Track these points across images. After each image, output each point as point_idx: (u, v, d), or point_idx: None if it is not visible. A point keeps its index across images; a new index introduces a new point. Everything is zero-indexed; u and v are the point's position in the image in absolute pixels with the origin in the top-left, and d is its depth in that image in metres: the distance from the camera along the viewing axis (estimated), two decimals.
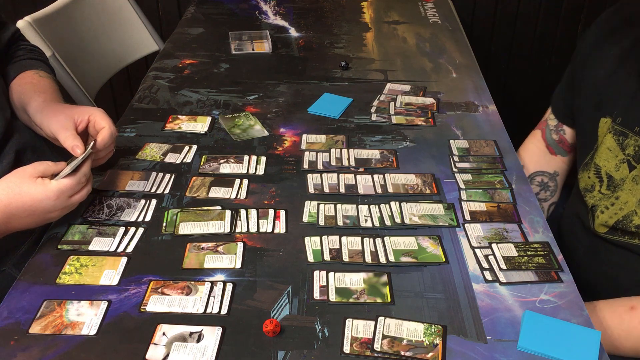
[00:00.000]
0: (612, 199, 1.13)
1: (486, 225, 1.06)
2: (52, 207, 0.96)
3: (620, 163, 1.12)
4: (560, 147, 1.35)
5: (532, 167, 1.37)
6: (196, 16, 1.96)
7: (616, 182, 1.13)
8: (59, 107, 1.10)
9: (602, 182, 1.15)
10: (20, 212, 0.94)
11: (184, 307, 0.89)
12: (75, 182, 0.97)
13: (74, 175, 0.97)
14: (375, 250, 1.00)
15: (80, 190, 0.99)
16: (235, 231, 1.04)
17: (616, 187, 1.13)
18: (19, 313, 0.88)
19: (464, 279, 0.95)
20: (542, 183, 1.34)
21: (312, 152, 1.26)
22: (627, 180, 1.11)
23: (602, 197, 1.15)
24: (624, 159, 1.12)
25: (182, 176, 1.18)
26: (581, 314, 0.89)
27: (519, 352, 0.83)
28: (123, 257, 0.99)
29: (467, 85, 1.53)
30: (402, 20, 1.93)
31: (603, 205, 1.15)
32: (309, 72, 1.60)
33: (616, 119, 1.13)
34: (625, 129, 1.11)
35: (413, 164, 1.22)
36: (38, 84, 1.18)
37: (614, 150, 1.13)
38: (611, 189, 1.14)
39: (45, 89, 1.17)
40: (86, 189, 1.00)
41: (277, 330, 0.85)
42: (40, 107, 1.10)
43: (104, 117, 1.08)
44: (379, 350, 0.83)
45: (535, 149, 1.39)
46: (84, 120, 1.07)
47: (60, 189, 0.95)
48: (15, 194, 0.93)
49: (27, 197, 0.94)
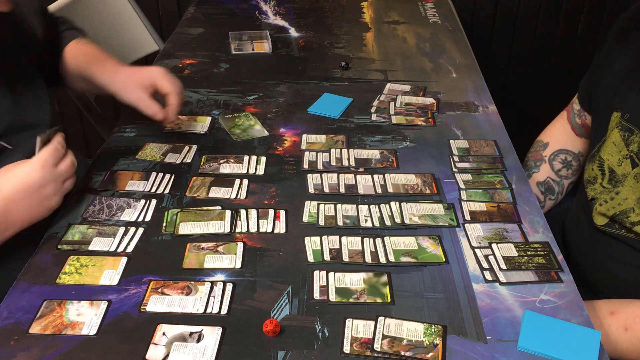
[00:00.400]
0: (612, 194, 1.13)
1: (486, 225, 1.06)
2: (42, 179, 0.96)
3: (623, 158, 1.13)
4: (582, 131, 1.36)
5: (557, 146, 1.38)
6: (196, 16, 1.96)
7: (618, 177, 1.13)
8: (121, 71, 1.22)
9: (604, 176, 1.15)
10: (14, 195, 0.95)
11: (184, 307, 0.89)
12: (52, 148, 0.98)
13: (47, 145, 0.98)
14: (375, 250, 1.00)
15: (64, 158, 1.00)
16: (235, 231, 1.04)
17: (617, 182, 1.13)
18: (19, 313, 0.88)
19: (464, 279, 0.95)
20: (566, 161, 1.35)
21: (312, 152, 1.26)
22: (629, 177, 1.11)
23: (603, 190, 1.16)
24: (628, 155, 1.12)
25: (182, 176, 1.18)
26: (581, 314, 0.89)
27: (519, 352, 0.83)
28: (123, 257, 0.99)
29: (467, 85, 1.53)
30: (402, 20, 1.93)
31: (602, 198, 1.15)
32: (309, 72, 1.60)
33: (624, 114, 1.13)
34: (632, 125, 1.11)
35: (413, 164, 1.22)
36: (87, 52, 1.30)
37: (618, 145, 1.13)
38: (612, 183, 1.14)
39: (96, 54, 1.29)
40: (70, 158, 1.01)
41: (277, 330, 0.85)
42: (102, 73, 1.23)
43: (165, 82, 1.20)
44: (379, 350, 0.83)
45: (561, 128, 1.39)
46: (152, 86, 1.20)
47: (41, 158, 0.96)
48: (7, 178, 0.96)
49: (15, 179, 0.95)
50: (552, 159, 1.35)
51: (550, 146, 1.38)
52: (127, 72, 1.22)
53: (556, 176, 1.34)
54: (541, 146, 1.38)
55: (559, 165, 1.35)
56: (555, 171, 1.34)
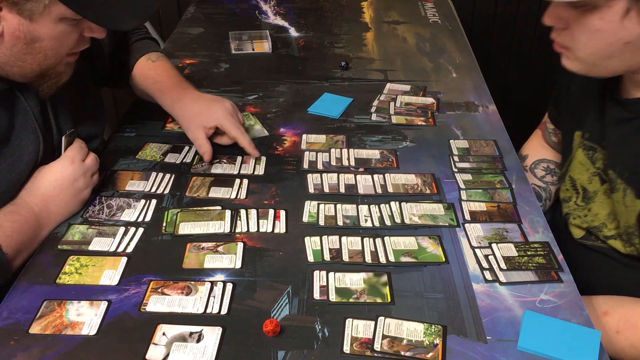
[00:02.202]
0: (585, 210, 1.14)
1: (486, 225, 1.06)
2: (74, 173, 1.04)
3: (592, 176, 1.14)
4: (560, 147, 1.35)
5: (537, 157, 1.38)
6: (196, 16, 1.96)
7: (589, 195, 1.15)
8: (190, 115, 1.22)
9: (578, 194, 1.17)
10: (51, 191, 1.02)
11: (184, 307, 0.89)
12: (77, 146, 1.07)
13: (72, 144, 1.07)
14: (375, 250, 1.00)
15: (89, 155, 1.08)
16: (235, 231, 1.04)
17: (589, 199, 1.14)
18: (19, 313, 0.88)
19: (464, 279, 0.95)
20: (548, 168, 1.35)
21: (312, 152, 1.26)
22: (599, 193, 1.12)
23: (577, 207, 1.17)
24: (595, 172, 1.13)
25: (182, 176, 1.18)
26: (581, 314, 0.89)
27: (519, 352, 0.83)
28: (123, 257, 0.99)
29: (467, 85, 1.53)
30: (402, 20, 1.93)
31: (576, 214, 1.16)
32: (309, 72, 1.60)
33: (584, 134, 1.14)
34: (593, 143, 1.12)
35: (413, 164, 1.22)
36: (155, 77, 1.29)
37: (585, 164, 1.15)
38: (585, 201, 1.15)
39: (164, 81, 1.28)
40: (92, 155, 1.09)
41: (277, 330, 0.85)
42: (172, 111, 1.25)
43: (230, 124, 1.21)
44: (379, 350, 0.83)
45: (538, 144, 1.40)
46: (212, 128, 1.21)
47: (69, 155, 1.05)
48: (41, 177, 1.03)
49: (49, 175, 1.03)
50: (534, 167, 1.35)
51: (530, 157, 1.38)
52: (192, 111, 1.23)
53: (541, 182, 1.34)
54: (521, 158, 1.39)
55: (542, 172, 1.35)
56: (539, 178, 1.35)
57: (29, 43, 0.92)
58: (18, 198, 1.00)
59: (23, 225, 0.97)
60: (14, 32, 0.90)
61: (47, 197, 1.02)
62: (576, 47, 0.96)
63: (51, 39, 0.93)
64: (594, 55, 0.95)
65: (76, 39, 0.97)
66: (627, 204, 1.04)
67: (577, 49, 0.96)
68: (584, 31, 0.93)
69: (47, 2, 0.88)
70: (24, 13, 0.88)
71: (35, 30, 0.91)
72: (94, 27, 0.97)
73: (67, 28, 0.93)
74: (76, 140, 1.09)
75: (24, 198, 1.00)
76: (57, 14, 0.90)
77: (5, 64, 0.94)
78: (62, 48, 0.96)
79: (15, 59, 0.93)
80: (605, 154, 1.09)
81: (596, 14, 0.90)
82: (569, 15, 0.93)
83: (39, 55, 0.94)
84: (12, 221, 0.96)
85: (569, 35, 0.96)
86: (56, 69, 0.99)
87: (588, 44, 0.94)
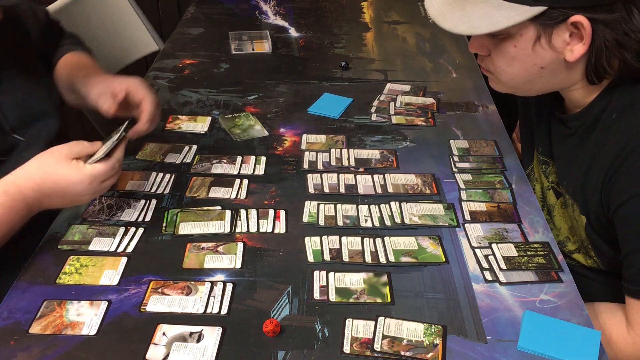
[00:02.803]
0: (551, 224, 1.15)
1: (486, 225, 1.06)
2: (84, 191, 0.97)
3: (545, 190, 1.16)
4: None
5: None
6: (196, 16, 1.96)
7: (549, 209, 1.16)
8: (100, 78, 1.16)
9: (545, 207, 1.18)
10: (53, 193, 0.96)
11: (184, 307, 0.89)
12: (109, 168, 0.98)
13: (107, 160, 0.98)
14: (375, 250, 1.00)
15: (113, 176, 1.00)
16: (235, 231, 1.04)
17: (550, 213, 1.16)
18: (19, 313, 0.88)
19: (464, 279, 0.95)
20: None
21: (312, 152, 1.26)
22: (556, 207, 1.14)
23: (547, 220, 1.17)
24: (549, 187, 1.15)
25: (182, 176, 1.18)
26: (581, 314, 0.89)
27: (519, 352, 0.83)
28: (123, 257, 0.99)
29: (467, 85, 1.53)
30: (402, 20, 1.93)
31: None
32: (309, 72, 1.60)
33: (538, 147, 1.17)
34: (546, 157, 1.15)
35: (413, 164, 1.22)
36: (79, 63, 1.25)
37: (539, 178, 1.17)
38: (549, 215, 1.17)
39: (87, 65, 1.24)
40: (117, 176, 1.02)
41: (277, 330, 0.85)
42: (84, 80, 1.17)
43: (141, 87, 1.11)
44: (379, 350, 0.83)
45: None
46: (122, 90, 1.10)
47: (94, 174, 0.96)
48: (50, 175, 0.95)
49: (61, 179, 0.95)
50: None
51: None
52: (104, 77, 1.18)
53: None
54: None
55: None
56: None
57: None
58: (14, 186, 0.94)
59: (13, 217, 0.93)
60: None
61: (45, 196, 0.97)
62: (497, 72, 1.01)
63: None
64: (514, 79, 1.00)
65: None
66: (577, 219, 1.06)
67: (498, 74, 1.01)
68: (502, 58, 0.97)
69: None
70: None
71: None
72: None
73: None
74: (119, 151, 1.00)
75: (20, 187, 0.94)
76: None
77: None
78: None
79: None
80: (557, 168, 1.11)
81: (510, 42, 0.94)
82: (489, 43, 0.98)
83: None
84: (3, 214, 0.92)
85: (490, 62, 1.00)
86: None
87: (507, 70, 0.98)
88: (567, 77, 0.97)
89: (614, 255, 1.00)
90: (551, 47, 0.92)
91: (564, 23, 0.89)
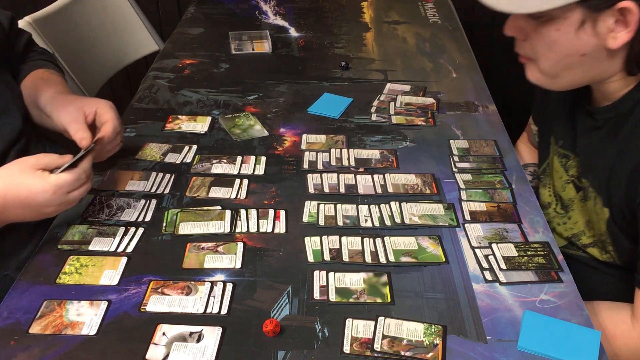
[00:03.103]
0: (564, 218, 1.15)
1: (486, 225, 1.06)
2: (48, 202, 0.93)
3: (565, 184, 1.15)
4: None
5: (523, 161, 1.39)
6: (196, 16, 1.96)
7: (566, 202, 1.15)
8: (69, 99, 1.11)
9: (558, 202, 1.18)
10: (16, 204, 0.93)
11: (184, 307, 0.89)
12: (74, 178, 0.94)
13: (73, 171, 0.95)
14: (375, 250, 1.00)
15: (80, 187, 0.96)
16: (235, 231, 1.04)
17: (567, 207, 1.15)
18: (19, 313, 0.88)
19: (464, 279, 0.95)
20: (535, 173, 1.35)
21: (312, 152, 1.26)
22: (576, 201, 1.13)
23: (557, 215, 1.18)
24: (569, 180, 1.14)
25: (182, 176, 1.18)
26: (581, 314, 0.89)
27: (519, 352, 0.83)
28: (123, 257, 0.99)
29: (467, 85, 1.53)
30: (402, 20, 1.93)
31: (556, 222, 1.17)
32: (309, 72, 1.60)
33: (558, 141, 1.16)
34: (566, 150, 1.14)
35: (413, 164, 1.22)
36: (48, 79, 1.20)
37: (559, 172, 1.16)
38: (564, 209, 1.16)
39: (56, 83, 1.19)
40: (85, 187, 0.97)
41: (277, 330, 0.85)
42: (51, 99, 1.12)
43: (109, 111, 1.08)
44: (379, 350, 0.83)
45: (525, 148, 1.42)
46: (92, 113, 1.07)
47: (58, 184, 0.93)
48: (13, 184, 0.92)
49: (23, 189, 0.92)
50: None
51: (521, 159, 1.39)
52: (73, 97, 1.12)
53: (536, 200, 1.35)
54: None
55: (528, 177, 1.36)
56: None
57: None
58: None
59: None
60: None
61: (7, 206, 0.93)
62: (537, 57, 0.98)
63: None
64: (554, 66, 0.97)
65: None
66: (598, 212, 1.05)
67: (538, 60, 0.98)
68: (542, 42, 0.95)
69: None
70: None
71: None
72: None
73: None
74: (82, 164, 0.97)
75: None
76: None
77: None
78: None
79: None
80: (578, 162, 1.10)
81: (552, 25, 0.92)
82: (528, 26, 0.95)
83: None
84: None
85: (529, 46, 0.98)
86: None
87: (547, 55, 0.96)
88: (607, 67, 0.95)
89: (633, 250, 1.00)
90: (595, 33, 0.90)
91: (611, 8, 0.87)
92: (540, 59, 0.97)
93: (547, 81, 1.02)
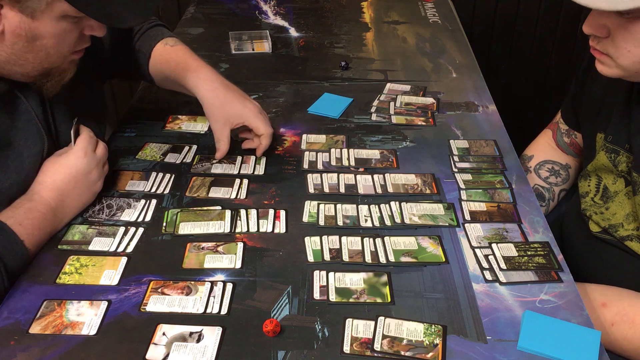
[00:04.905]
0: (602, 209, 1.15)
1: (486, 225, 1.06)
2: (88, 166, 1.04)
3: (616, 177, 1.14)
4: (570, 149, 1.37)
5: (543, 157, 1.39)
6: (196, 16, 1.96)
7: (609, 194, 1.15)
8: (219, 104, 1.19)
9: (598, 192, 1.17)
10: (67, 185, 1.02)
11: (184, 307, 0.89)
12: (87, 136, 1.06)
13: (82, 134, 1.07)
14: (375, 250, 1.00)
15: (98, 145, 1.08)
16: (235, 231, 1.04)
17: (608, 198, 1.15)
18: (19, 313, 0.88)
19: (464, 279, 0.95)
20: (553, 170, 1.35)
21: (312, 152, 1.26)
22: (621, 193, 1.13)
23: (594, 204, 1.17)
24: (620, 174, 1.13)
25: (182, 176, 1.18)
26: (581, 314, 0.89)
27: (519, 352, 0.83)
28: (123, 257, 0.99)
29: (467, 85, 1.53)
30: (402, 20, 1.93)
31: (592, 211, 1.17)
32: (309, 72, 1.60)
33: (607, 136, 1.14)
34: (616, 146, 1.13)
35: (413, 164, 1.22)
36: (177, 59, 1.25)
37: (608, 166, 1.15)
38: (604, 200, 1.16)
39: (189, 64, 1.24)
40: (102, 144, 1.09)
41: (277, 330, 0.85)
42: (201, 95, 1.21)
43: (259, 122, 1.19)
44: (379, 350, 0.83)
45: (547, 145, 1.41)
46: (239, 124, 1.20)
47: (81, 146, 1.04)
48: (54, 172, 1.02)
49: (64, 168, 1.03)
50: (538, 169, 1.37)
51: (535, 158, 1.39)
52: (223, 96, 1.20)
53: (545, 183, 1.35)
54: (526, 159, 1.40)
55: (546, 174, 1.36)
56: (543, 179, 1.35)
57: (30, 41, 0.91)
58: (34, 194, 1.00)
59: (42, 221, 0.98)
60: (15, 30, 0.89)
61: (63, 191, 1.02)
62: (619, 54, 0.96)
63: (52, 37, 0.93)
64: (637, 63, 0.95)
65: (77, 37, 0.97)
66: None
67: (619, 57, 0.96)
68: (629, 39, 0.93)
69: (49, 0, 0.88)
70: (26, 11, 0.88)
71: (36, 28, 0.91)
72: (94, 24, 0.97)
73: (68, 26, 0.93)
74: (84, 129, 1.08)
75: (40, 193, 1.00)
76: (59, 11, 0.90)
77: (6, 63, 0.93)
78: (63, 46, 0.96)
79: (17, 57, 0.93)
80: (631, 157, 1.09)
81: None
82: (613, 23, 0.94)
83: (40, 54, 0.94)
84: (31, 218, 0.97)
85: (610, 43, 0.96)
86: (60, 67, 0.99)
87: (632, 51, 0.94)
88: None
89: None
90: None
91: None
92: (622, 55, 0.95)
93: (622, 75, 0.99)
